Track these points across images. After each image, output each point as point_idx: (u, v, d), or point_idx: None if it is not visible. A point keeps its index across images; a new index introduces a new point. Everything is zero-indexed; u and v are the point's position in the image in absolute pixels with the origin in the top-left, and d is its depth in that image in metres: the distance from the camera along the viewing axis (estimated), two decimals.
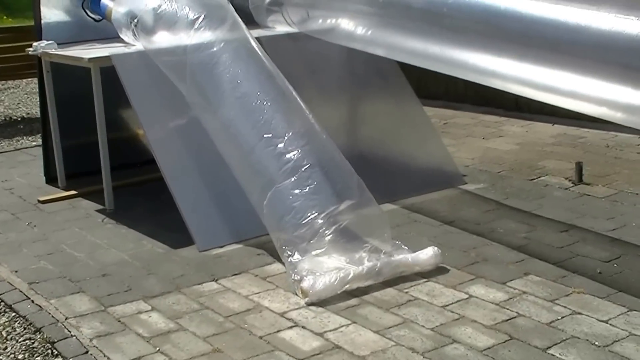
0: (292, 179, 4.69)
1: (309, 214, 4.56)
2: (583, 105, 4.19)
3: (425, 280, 4.41)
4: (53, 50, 6.00)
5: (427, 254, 4.53)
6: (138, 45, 5.62)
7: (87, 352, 3.80)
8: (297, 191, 4.66)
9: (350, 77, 6.24)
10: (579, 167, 6.03)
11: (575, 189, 5.90)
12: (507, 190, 5.92)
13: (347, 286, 4.26)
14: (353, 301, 4.19)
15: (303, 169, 4.72)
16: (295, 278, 4.32)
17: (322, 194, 4.66)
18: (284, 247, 4.53)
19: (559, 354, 3.59)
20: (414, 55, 5.08)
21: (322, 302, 4.18)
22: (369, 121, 6.33)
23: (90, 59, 5.55)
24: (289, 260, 4.46)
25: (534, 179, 6.18)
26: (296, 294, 4.28)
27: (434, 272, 4.50)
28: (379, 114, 6.34)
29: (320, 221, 4.54)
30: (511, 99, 7.48)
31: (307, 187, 4.67)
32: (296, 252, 4.46)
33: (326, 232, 4.51)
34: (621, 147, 6.82)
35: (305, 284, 4.21)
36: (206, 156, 5.27)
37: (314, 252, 4.45)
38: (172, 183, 5.13)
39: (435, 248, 4.58)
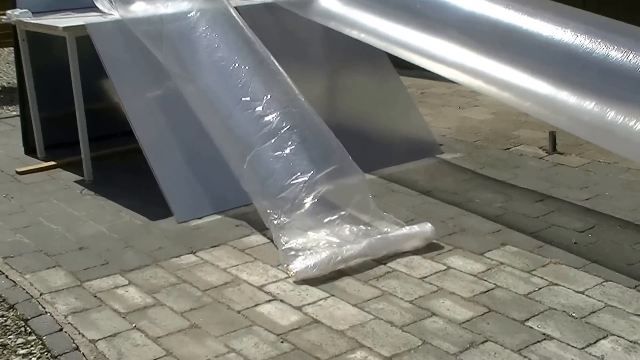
0: (272, 141, 4.67)
1: (290, 176, 4.54)
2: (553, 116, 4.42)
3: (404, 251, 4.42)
4: (27, 18, 5.92)
5: (423, 234, 4.44)
6: (114, 14, 5.56)
7: (61, 329, 3.74)
8: (277, 153, 4.64)
9: (328, 48, 6.20)
10: (553, 137, 6.06)
11: (549, 158, 5.93)
12: (482, 160, 5.94)
13: (340, 266, 4.20)
14: (331, 273, 4.17)
15: (282, 131, 4.69)
16: (284, 241, 4.30)
17: (302, 155, 4.64)
18: (268, 211, 4.50)
19: (537, 326, 3.62)
20: (389, 42, 5.15)
21: None
22: (346, 92, 6.31)
23: (64, 28, 5.49)
24: (275, 223, 4.43)
25: (509, 149, 6.20)
26: (279, 266, 4.26)
27: None
28: (357, 85, 6.32)
29: (302, 184, 4.51)
30: None
31: (288, 149, 4.65)
32: (282, 215, 4.44)
33: (308, 196, 4.49)
34: None
35: (295, 266, 4.15)
36: (185, 127, 5.23)
37: (298, 212, 4.43)
38: (150, 154, 5.09)
39: (429, 225, 4.48)
